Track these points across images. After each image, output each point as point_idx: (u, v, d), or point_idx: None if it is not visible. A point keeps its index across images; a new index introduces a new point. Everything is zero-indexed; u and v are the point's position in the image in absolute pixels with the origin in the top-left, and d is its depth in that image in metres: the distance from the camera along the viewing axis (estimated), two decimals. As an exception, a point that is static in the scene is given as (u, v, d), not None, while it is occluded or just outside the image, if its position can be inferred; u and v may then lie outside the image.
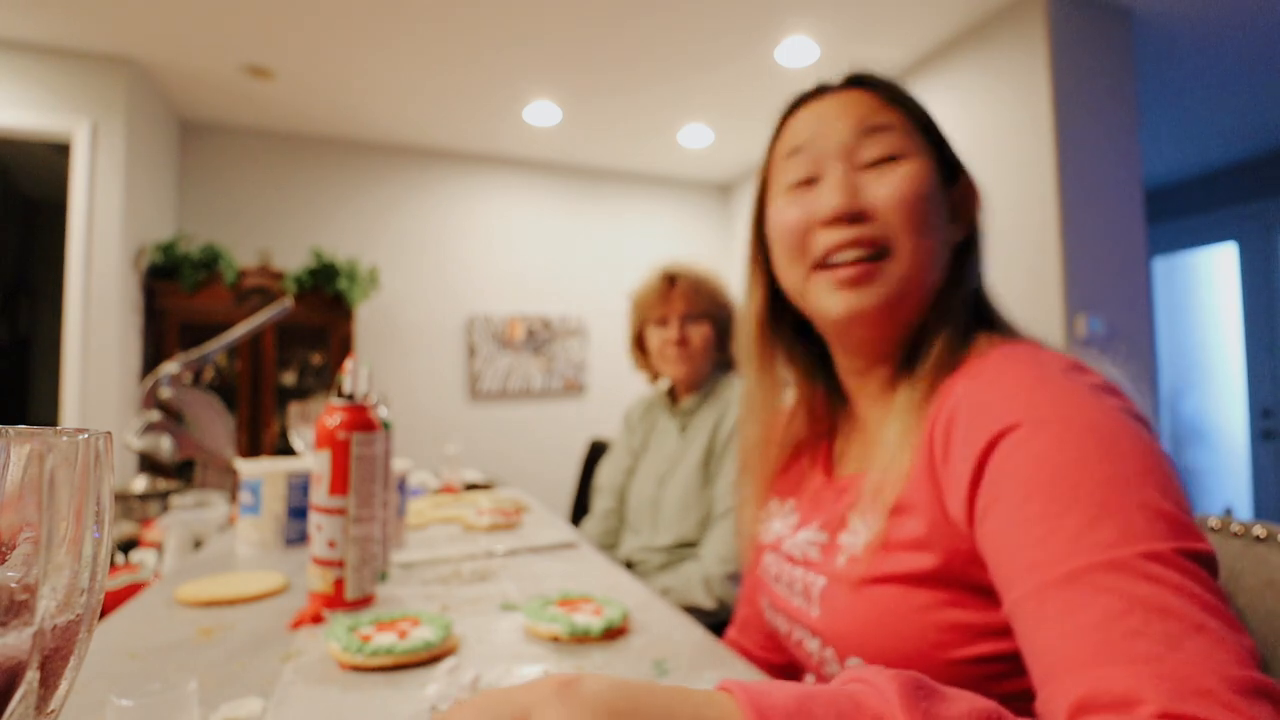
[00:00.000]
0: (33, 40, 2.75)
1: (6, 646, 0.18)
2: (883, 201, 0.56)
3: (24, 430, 0.19)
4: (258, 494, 0.99)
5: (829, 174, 0.58)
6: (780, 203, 0.61)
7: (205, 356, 1.48)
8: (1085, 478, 0.40)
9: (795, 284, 0.61)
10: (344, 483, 0.68)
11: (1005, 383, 0.48)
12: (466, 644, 0.61)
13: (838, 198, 0.56)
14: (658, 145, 4.01)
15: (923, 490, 0.51)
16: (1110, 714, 0.33)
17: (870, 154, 0.57)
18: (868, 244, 0.56)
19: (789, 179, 0.60)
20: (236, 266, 3.23)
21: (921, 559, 0.50)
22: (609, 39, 2.81)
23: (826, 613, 0.56)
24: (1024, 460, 0.43)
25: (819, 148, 0.59)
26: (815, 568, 0.59)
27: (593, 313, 4.34)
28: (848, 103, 0.60)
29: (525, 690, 0.29)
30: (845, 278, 0.56)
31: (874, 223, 0.56)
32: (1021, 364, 0.49)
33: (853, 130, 0.58)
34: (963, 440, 0.48)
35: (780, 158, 0.62)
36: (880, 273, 0.56)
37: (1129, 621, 0.35)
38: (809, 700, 0.30)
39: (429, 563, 0.91)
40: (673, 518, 1.33)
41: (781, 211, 0.60)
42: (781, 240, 0.60)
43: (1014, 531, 0.42)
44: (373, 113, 3.50)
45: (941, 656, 0.49)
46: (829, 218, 0.56)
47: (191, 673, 0.53)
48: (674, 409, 1.47)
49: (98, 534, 0.21)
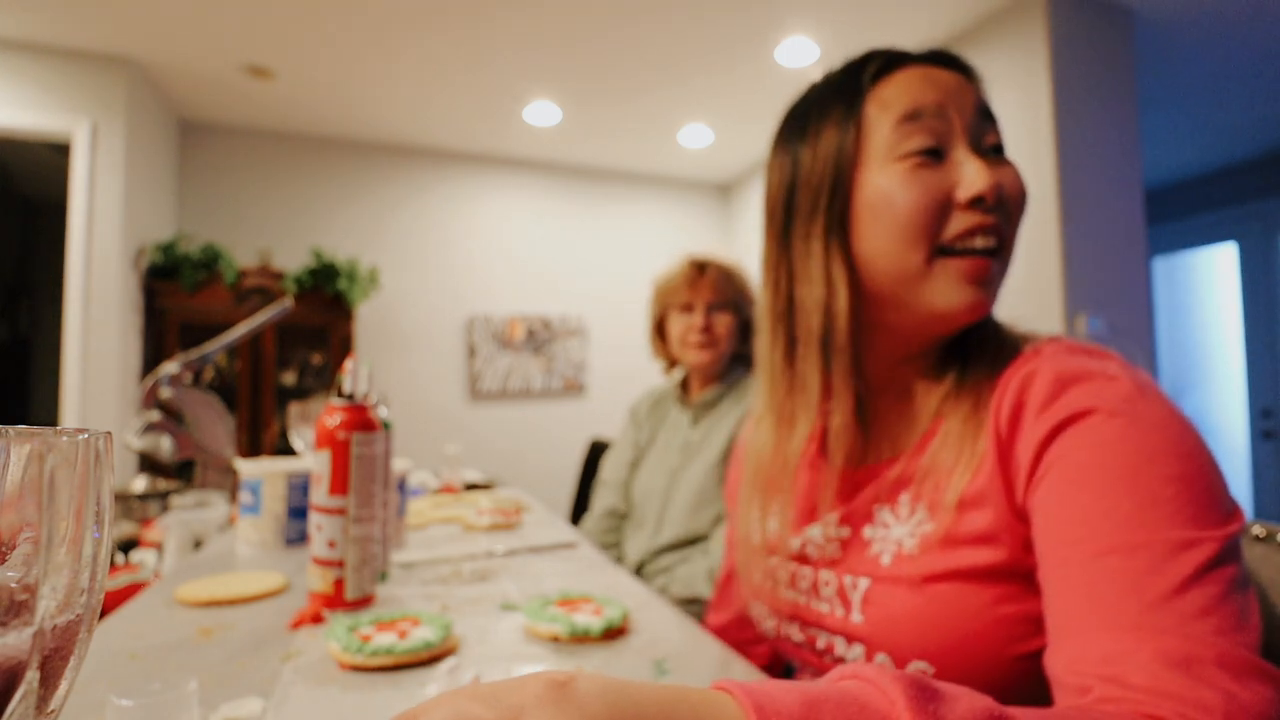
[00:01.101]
0: (33, 40, 2.75)
1: (6, 646, 0.18)
2: (1010, 193, 0.53)
3: (24, 430, 0.19)
4: (258, 494, 0.99)
5: (961, 150, 0.52)
6: (892, 173, 0.52)
7: (205, 356, 1.48)
8: (1147, 469, 0.42)
9: (908, 267, 0.52)
10: (344, 483, 0.68)
11: (1070, 374, 0.49)
12: (466, 644, 0.61)
13: (990, 177, 0.50)
14: (658, 145, 4.01)
15: (991, 482, 0.50)
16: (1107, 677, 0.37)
17: (992, 140, 0.54)
18: (998, 233, 0.52)
19: (905, 147, 0.52)
20: (236, 266, 3.23)
21: (988, 553, 0.50)
22: (609, 39, 2.81)
23: (877, 616, 0.53)
24: (1091, 444, 0.45)
25: (948, 119, 0.52)
26: (841, 566, 0.57)
27: (593, 313, 4.34)
28: (961, 81, 0.54)
29: (516, 688, 0.27)
30: (974, 268, 0.52)
31: (1001, 214, 0.52)
32: (1085, 355, 0.51)
33: (977, 110, 0.53)
34: (1029, 429, 0.49)
35: (886, 122, 0.53)
36: (995, 266, 0.53)
37: (1146, 596, 0.38)
38: (815, 703, 0.29)
39: (429, 563, 0.91)
40: (683, 513, 1.33)
41: (899, 185, 0.52)
42: (902, 216, 0.52)
43: (1069, 507, 0.44)
44: (373, 113, 3.50)
45: (1009, 652, 0.49)
46: (978, 195, 0.50)
47: (191, 673, 0.53)
48: (686, 400, 1.46)
49: (98, 534, 0.21)
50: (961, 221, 0.51)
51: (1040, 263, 2.45)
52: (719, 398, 1.41)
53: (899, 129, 0.52)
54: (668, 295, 1.44)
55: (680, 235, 4.57)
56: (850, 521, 0.58)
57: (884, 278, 0.54)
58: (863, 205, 0.54)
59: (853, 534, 0.57)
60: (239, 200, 3.62)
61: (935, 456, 0.53)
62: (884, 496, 0.56)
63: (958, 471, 0.51)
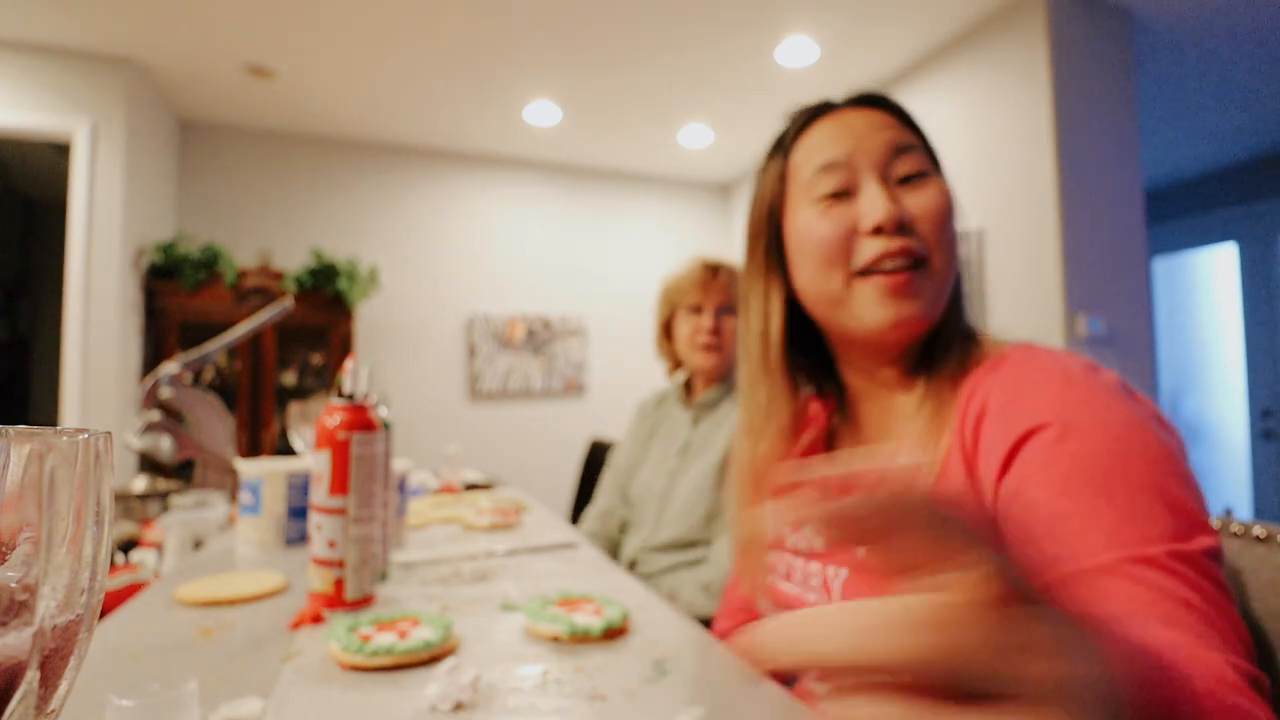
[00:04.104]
0: (33, 40, 2.75)
1: (6, 646, 0.18)
2: (920, 215, 0.58)
3: (24, 430, 0.19)
4: (258, 494, 0.99)
5: (867, 186, 0.59)
6: (809, 213, 0.61)
7: (205, 356, 1.48)
8: (1119, 478, 0.44)
9: (830, 293, 0.60)
10: (344, 483, 0.68)
11: (1034, 381, 0.51)
12: (466, 644, 0.61)
13: (887, 207, 0.57)
14: (658, 145, 4.01)
15: (960, 481, 0.53)
16: None
17: (902, 170, 0.59)
18: (910, 254, 0.57)
19: (819, 191, 0.60)
20: (236, 266, 3.23)
21: None
22: (609, 39, 2.81)
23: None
24: (1059, 457, 0.46)
25: (856, 162, 0.60)
26: (830, 558, 0.61)
27: (593, 313, 4.34)
28: (874, 122, 0.61)
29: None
30: (892, 285, 0.57)
31: (913, 235, 0.58)
32: (1047, 364, 0.53)
33: (887, 146, 0.60)
34: (993, 435, 0.51)
35: (806, 172, 0.62)
36: (920, 282, 0.58)
37: (1155, 611, 0.39)
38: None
39: (429, 563, 0.91)
40: (680, 512, 1.33)
41: (814, 222, 0.60)
42: (816, 249, 0.60)
43: (1047, 523, 0.45)
44: (373, 112, 3.50)
45: None
46: (877, 226, 0.57)
47: (191, 673, 0.53)
48: (688, 400, 1.47)
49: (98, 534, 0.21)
50: (869, 248, 0.58)
51: (1040, 263, 2.45)
52: (720, 399, 1.41)
53: (815, 175, 0.61)
54: (677, 295, 1.44)
55: (680, 235, 4.57)
56: None
57: (816, 303, 0.62)
58: (791, 243, 0.63)
59: None
60: (239, 200, 3.62)
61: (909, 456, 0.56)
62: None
63: (923, 469, 0.54)
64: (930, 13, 2.64)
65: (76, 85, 2.82)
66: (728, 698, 0.51)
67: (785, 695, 0.52)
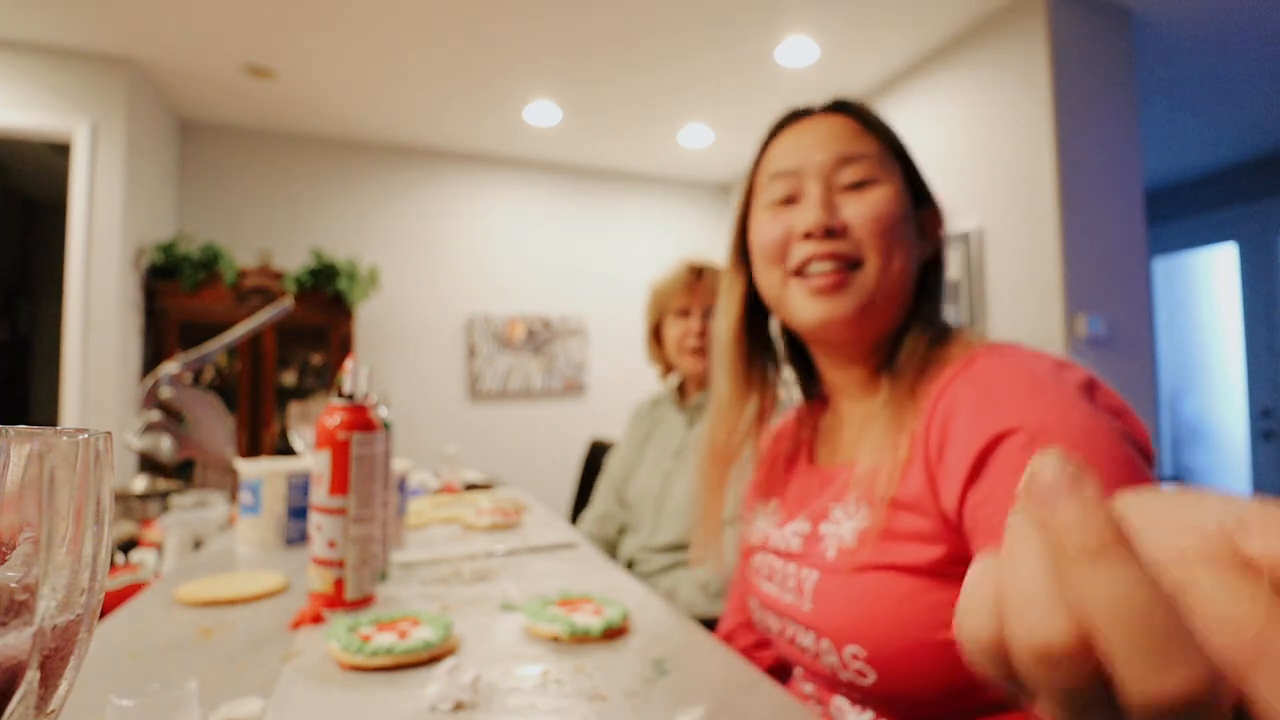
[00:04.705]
0: (33, 40, 2.74)
1: (6, 646, 0.18)
2: (856, 220, 0.62)
3: (24, 430, 0.19)
4: (258, 494, 0.99)
5: (808, 194, 0.64)
6: (763, 217, 0.67)
7: (205, 356, 1.48)
8: None
9: (773, 289, 0.66)
10: (344, 483, 0.68)
11: (1001, 385, 0.52)
12: (466, 644, 0.61)
13: (816, 214, 0.62)
14: (658, 145, 4.01)
15: (923, 489, 0.54)
16: None
17: (847, 178, 0.63)
18: (840, 257, 0.61)
19: (771, 197, 0.66)
20: (236, 266, 3.23)
21: (929, 551, 0.53)
22: (609, 39, 2.81)
23: (821, 606, 0.58)
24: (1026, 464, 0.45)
25: (804, 170, 0.64)
26: (801, 559, 0.62)
27: (593, 313, 4.34)
28: (829, 131, 0.65)
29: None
30: (819, 286, 0.62)
31: (847, 239, 0.62)
32: (1014, 366, 0.54)
33: (833, 157, 0.64)
34: (959, 438, 0.52)
35: (765, 178, 0.68)
36: (851, 282, 0.61)
37: None
38: None
39: (429, 563, 0.91)
40: (677, 514, 1.33)
41: (764, 225, 0.66)
42: (763, 250, 0.66)
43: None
44: (373, 112, 3.50)
45: (935, 638, 0.52)
46: (807, 232, 0.62)
47: (191, 673, 0.53)
48: (682, 404, 1.46)
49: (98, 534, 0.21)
50: (799, 251, 0.63)
51: (1040, 263, 2.45)
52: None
53: (769, 182, 0.67)
54: (664, 300, 1.44)
55: (680, 235, 4.56)
56: (812, 518, 0.63)
57: (768, 298, 0.68)
58: (750, 241, 0.69)
59: (812, 529, 0.62)
60: (239, 200, 3.62)
61: (870, 458, 0.59)
62: (838, 494, 0.62)
63: (884, 471, 0.56)
64: (930, 13, 2.64)
65: (76, 85, 2.82)
66: (728, 698, 0.51)
67: (785, 695, 0.52)
